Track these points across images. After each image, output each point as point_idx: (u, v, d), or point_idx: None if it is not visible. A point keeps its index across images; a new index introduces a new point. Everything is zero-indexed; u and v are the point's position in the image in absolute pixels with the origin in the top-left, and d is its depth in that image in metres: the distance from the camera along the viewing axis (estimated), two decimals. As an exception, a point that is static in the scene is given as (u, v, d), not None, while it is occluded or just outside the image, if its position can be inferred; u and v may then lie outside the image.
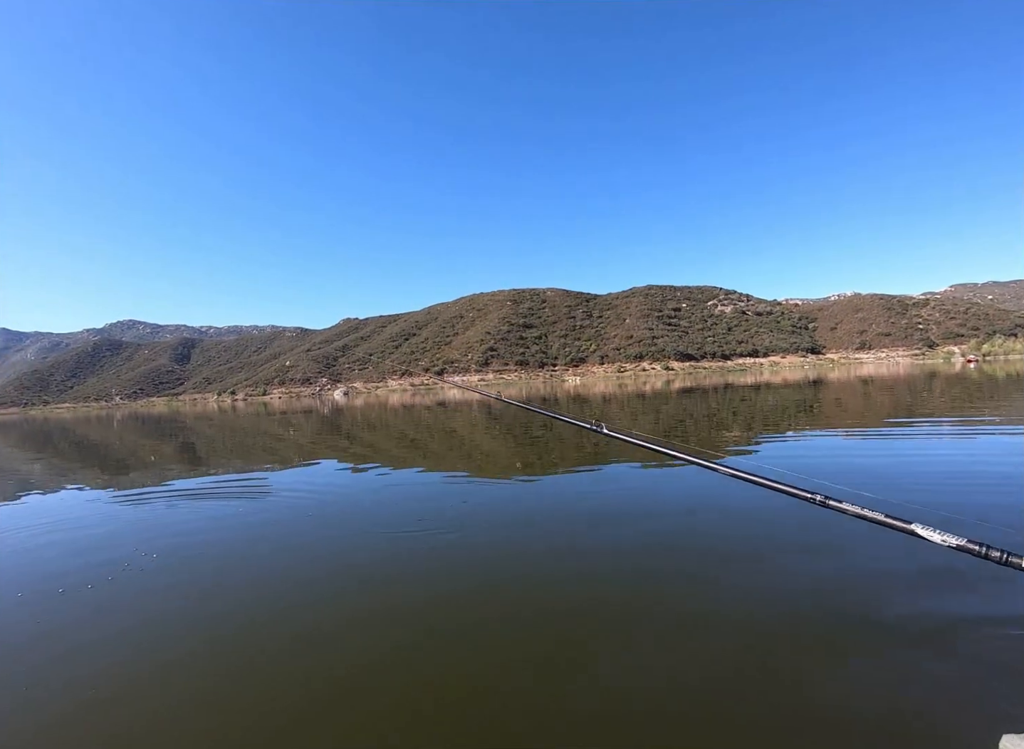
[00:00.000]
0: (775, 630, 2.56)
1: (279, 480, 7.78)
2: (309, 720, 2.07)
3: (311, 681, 2.36)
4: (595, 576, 3.39)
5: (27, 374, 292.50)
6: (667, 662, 2.33)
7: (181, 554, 4.35)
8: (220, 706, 2.24)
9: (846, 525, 1.40)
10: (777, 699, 2.03)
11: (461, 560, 3.80)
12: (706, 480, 5.66)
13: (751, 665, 2.27)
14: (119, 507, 6.43)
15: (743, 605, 2.82)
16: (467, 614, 2.94)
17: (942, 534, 0.84)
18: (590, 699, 2.11)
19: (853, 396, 17.86)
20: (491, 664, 2.43)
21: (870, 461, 6.51)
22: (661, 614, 2.80)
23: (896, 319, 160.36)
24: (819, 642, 2.44)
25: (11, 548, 4.82)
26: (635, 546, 3.91)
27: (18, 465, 12.62)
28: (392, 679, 2.34)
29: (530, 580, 3.38)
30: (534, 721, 1.99)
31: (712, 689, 2.11)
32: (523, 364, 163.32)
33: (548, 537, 4.25)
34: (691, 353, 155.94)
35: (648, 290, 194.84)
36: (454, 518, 4.91)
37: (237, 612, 3.17)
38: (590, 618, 2.81)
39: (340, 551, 4.18)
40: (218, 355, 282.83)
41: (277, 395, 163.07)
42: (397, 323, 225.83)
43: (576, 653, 2.47)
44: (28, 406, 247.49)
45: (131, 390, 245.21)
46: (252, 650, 2.70)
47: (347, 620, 2.97)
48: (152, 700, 2.29)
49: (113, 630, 2.99)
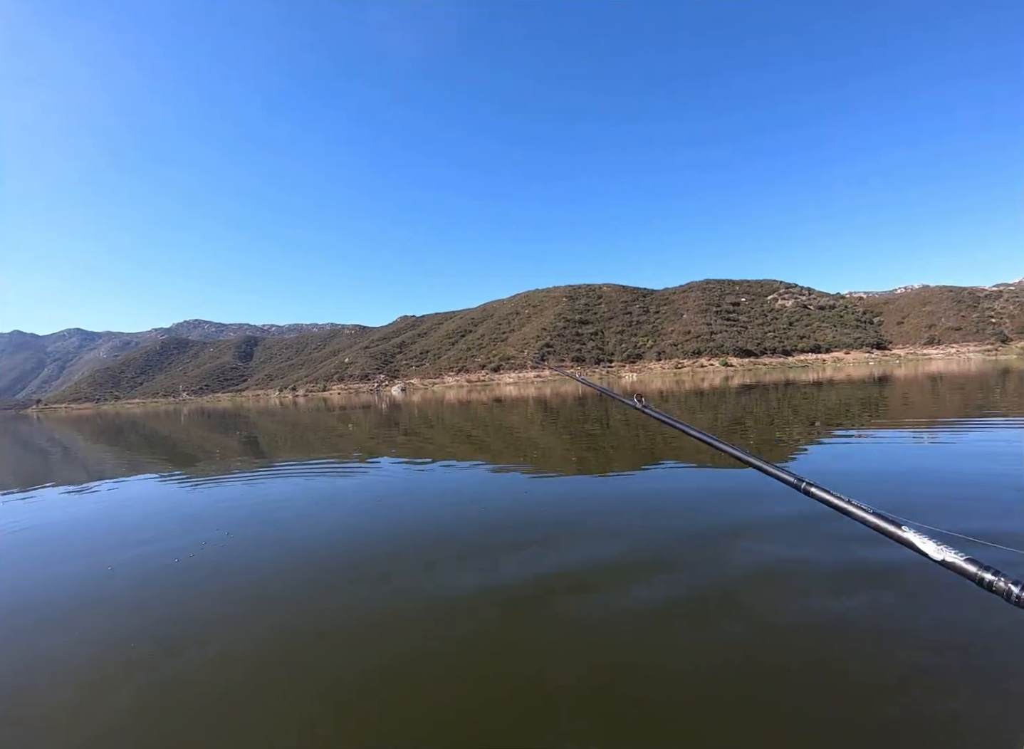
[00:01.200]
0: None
1: (344, 473, 8.18)
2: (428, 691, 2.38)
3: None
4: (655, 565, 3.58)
5: (100, 371, 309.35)
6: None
7: (253, 535, 4.80)
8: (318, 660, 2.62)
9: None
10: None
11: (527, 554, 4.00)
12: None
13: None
14: (195, 492, 6.96)
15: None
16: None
17: (938, 544, 0.70)
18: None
19: (921, 394, 17.14)
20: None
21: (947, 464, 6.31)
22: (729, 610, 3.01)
23: (967, 312, 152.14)
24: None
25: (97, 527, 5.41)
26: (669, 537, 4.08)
27: (94, 455, 13.50)
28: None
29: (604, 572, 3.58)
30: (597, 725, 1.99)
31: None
32: (579, 360, 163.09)
33: (601, 531, 4.45)
34: (750, 349, 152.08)
35: (706, 284, 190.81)
36: (518, 511, 5.21)
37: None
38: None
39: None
40: (279, 352, 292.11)
41: (336, 391, 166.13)
42: (453, 320, 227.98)
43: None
44: (101, 402, 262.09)
45: (197, 386, 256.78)
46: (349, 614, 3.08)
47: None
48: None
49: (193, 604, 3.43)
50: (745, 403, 17.73)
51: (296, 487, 7.06)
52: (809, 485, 0.92)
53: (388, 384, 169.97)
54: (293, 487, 7.08)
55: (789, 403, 16.78)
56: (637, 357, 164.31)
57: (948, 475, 5.55)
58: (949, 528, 0.89)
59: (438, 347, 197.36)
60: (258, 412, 39.37)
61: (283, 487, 7.09)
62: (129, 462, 11.71)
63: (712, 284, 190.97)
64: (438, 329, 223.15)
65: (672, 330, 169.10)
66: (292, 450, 12.33)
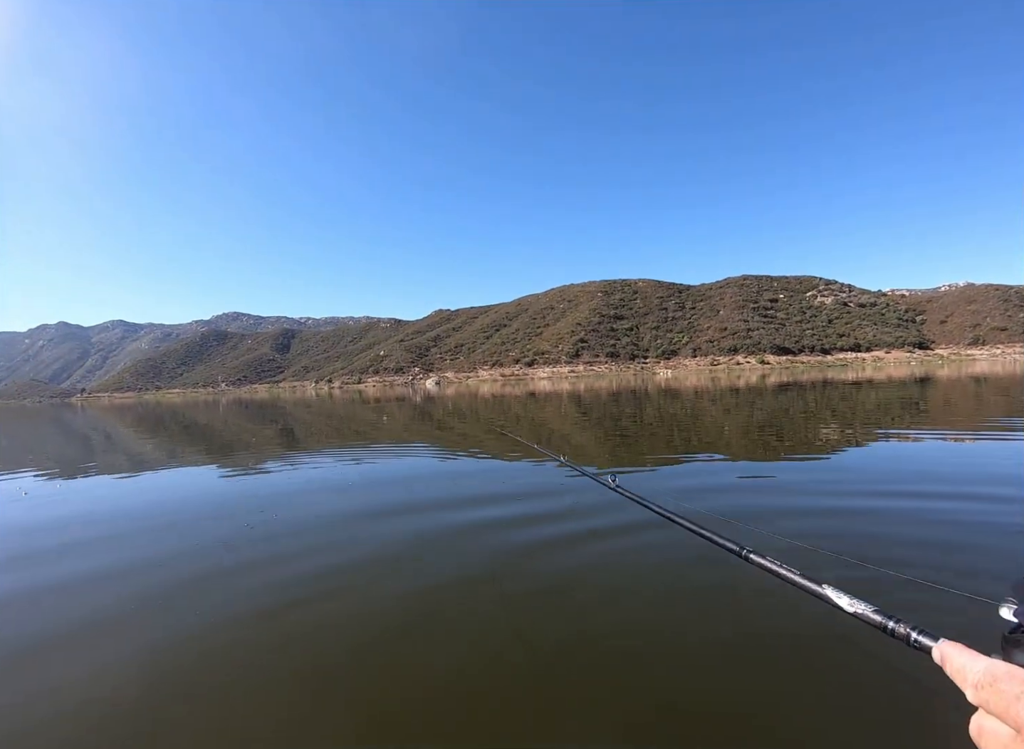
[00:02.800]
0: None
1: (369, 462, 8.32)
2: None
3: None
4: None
5: (142, 362, 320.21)
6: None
7: (292, 517, 5.05)
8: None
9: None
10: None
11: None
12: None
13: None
14: (242, 478, 7.16)
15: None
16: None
17: (851, 599, 0.72)
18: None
19: (964, 397, 16.68)
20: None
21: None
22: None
23: (1014, 312, 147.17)
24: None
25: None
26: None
27: (141, 445, 13.90)
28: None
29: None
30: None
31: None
32: (614, 356, 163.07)
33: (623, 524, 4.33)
34: (788, 347, 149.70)
35: (743, 280, 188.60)
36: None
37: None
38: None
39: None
40: (316, 345, 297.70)
41: (371, 383, 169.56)
42: (488, 314, 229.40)
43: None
44: (142, 391, 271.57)
45: (235, 377, 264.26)
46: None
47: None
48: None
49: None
50: (782, 401, 17.53)
51: (329, 474, 7.28)
52: (749, 552, 0.94)
53: (423, 377, 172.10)
54: (327, 474, 7.32)
55: (827, 404, 16.60)
56: (672, 353, 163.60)
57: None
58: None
59: (472, 341, 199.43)
60: (294, 403, 39.93)
61: (316, 474, 7.31)
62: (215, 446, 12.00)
63: (750, 280, 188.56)
64: (473, 323, 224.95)
65: (708, 326, 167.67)
66: (326, 440, 12.57)
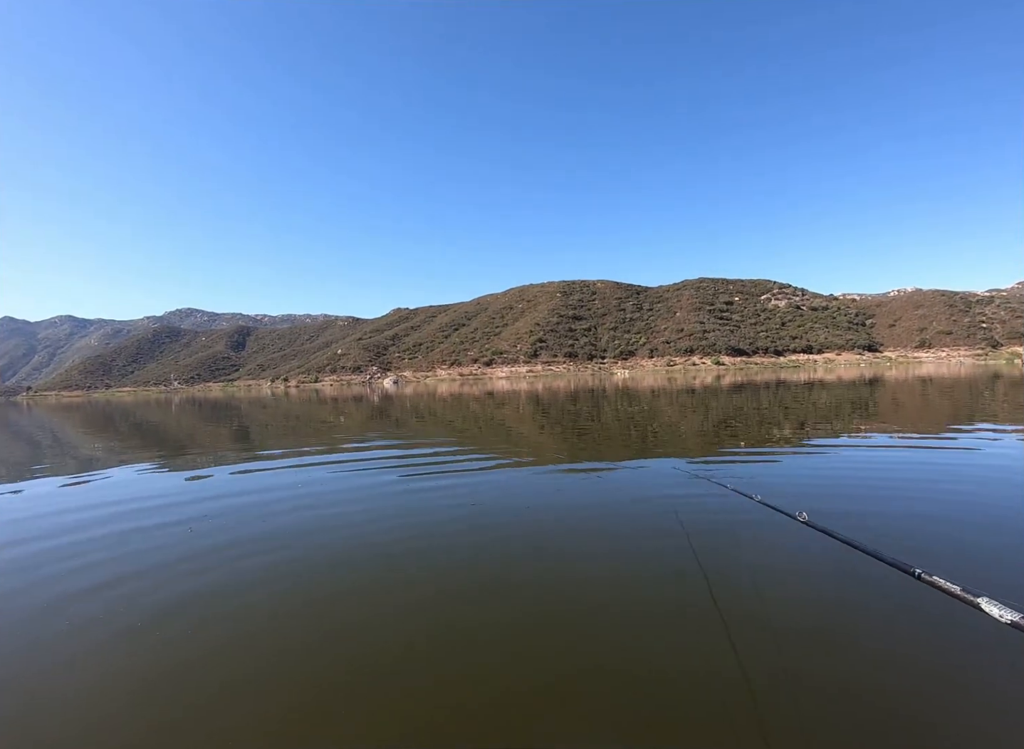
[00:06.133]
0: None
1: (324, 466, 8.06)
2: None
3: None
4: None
5: (91, 359, 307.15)
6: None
7: (237, 515, 4.78)
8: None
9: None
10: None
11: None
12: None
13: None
14: (202, 482, 6.91)
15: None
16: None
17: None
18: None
19: (911, 397, 17.33)
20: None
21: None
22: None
23: (958, 317, 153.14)
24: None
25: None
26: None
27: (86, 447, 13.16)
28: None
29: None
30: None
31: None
32: (572, 356, 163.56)
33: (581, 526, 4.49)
34: (743, 348, 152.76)
35: (700, 283, 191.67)
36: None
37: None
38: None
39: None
40: (272, 343, 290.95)
41: (328, 382, 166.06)
42: (447, 313, 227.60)
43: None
44: (91, 389, 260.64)
45: (189, 375, 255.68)
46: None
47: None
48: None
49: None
50: (736, 401, 17.74)
51: (287, 477, 7.02)
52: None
53: (381, 376, 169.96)
54: (284, 477, 7.04)
55: (780, 403, 16.84)
56: (630, 354, 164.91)
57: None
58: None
59: (431, 340, 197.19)
60: (249, 402, 39.37)
61: (276, 478, 7.05)
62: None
63: (706, 283, 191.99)
64: (431, 322, 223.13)
65: (665, 328, 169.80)
66: (282, 440, 12.16)
